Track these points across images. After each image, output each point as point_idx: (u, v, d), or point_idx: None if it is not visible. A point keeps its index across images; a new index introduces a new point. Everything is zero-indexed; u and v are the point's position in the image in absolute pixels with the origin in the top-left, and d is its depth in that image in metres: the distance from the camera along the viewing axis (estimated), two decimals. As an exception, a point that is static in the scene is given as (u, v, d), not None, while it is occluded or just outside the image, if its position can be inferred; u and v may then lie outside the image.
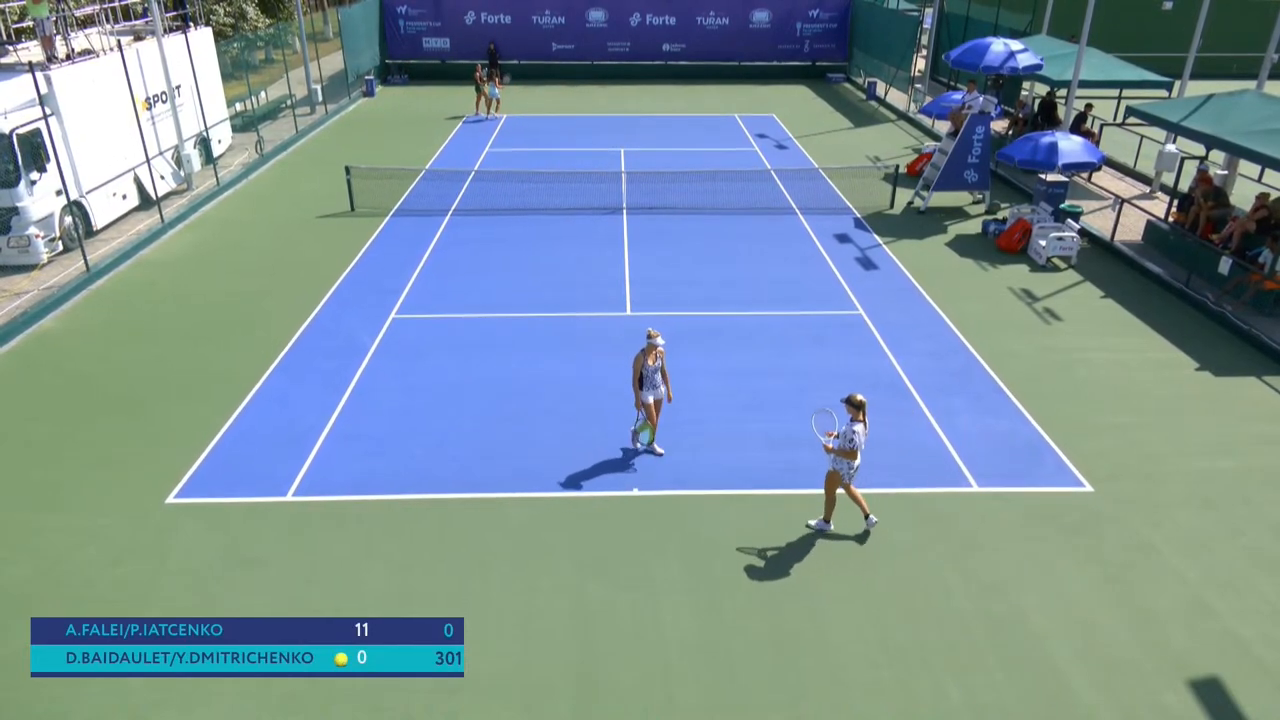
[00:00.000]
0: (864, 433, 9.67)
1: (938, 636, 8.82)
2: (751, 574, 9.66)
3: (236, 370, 13.83)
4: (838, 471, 9.88)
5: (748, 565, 9.79)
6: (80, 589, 9.36)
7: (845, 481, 9.93)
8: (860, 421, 9.62)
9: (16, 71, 18.02)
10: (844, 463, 9.80)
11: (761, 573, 9.68)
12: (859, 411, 9.62)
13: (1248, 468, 11.61)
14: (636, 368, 11.16)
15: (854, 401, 9.65)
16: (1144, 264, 18.16)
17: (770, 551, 10.01)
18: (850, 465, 9.81)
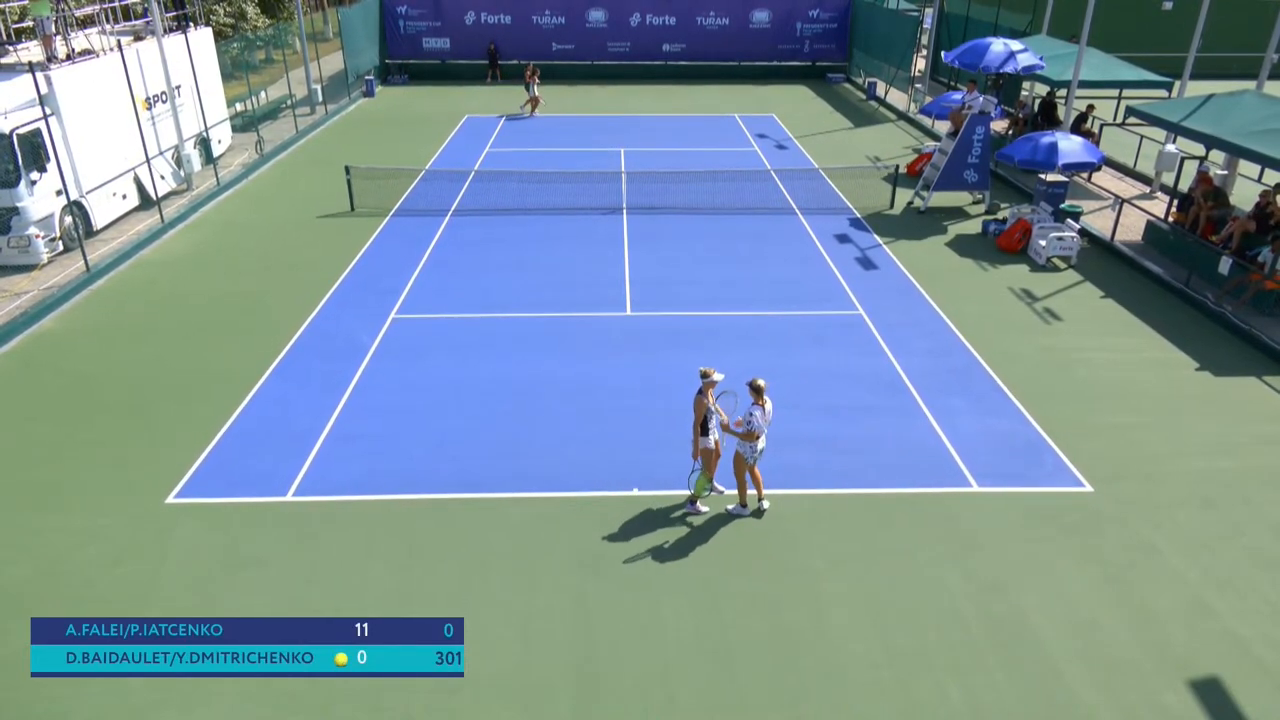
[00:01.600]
0: (763, 416, 9.95)
1: (938, 636, 8.82)
2: (751, 574, 9.66)
3: (236, 370, 13.83)
4: (741, 454, 10.20)
5: (748, 565, 9.79)
6: (80, 589, 9.36)
7: (750, 463, 10.22)
8: (760, 405, 9.91)
9: (16, 71, 18.04)
10: (747, 445, 10.10)
11: (761, 573, 9.68)
12: (759, 395, 9.93)
13: (1248, 468, 11.61)
14: (700, 411, 10.02)
15: (754, 386, 9.98)
16: (1144, 264, 18.16)
17: (770, 551, 10.00)
18: (753, 448, 10.11)
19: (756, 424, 9.93)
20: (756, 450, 10.15)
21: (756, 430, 9.98)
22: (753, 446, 10.12)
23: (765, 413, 9.99)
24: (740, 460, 10.27)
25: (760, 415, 9.93)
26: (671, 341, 14.88)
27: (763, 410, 9.95)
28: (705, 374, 10.10)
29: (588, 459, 11.63)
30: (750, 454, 10.16)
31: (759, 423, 9.95)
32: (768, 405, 10.02)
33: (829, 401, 13.04)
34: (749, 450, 10.14)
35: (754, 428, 9.94)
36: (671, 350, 14.56)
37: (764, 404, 9.97)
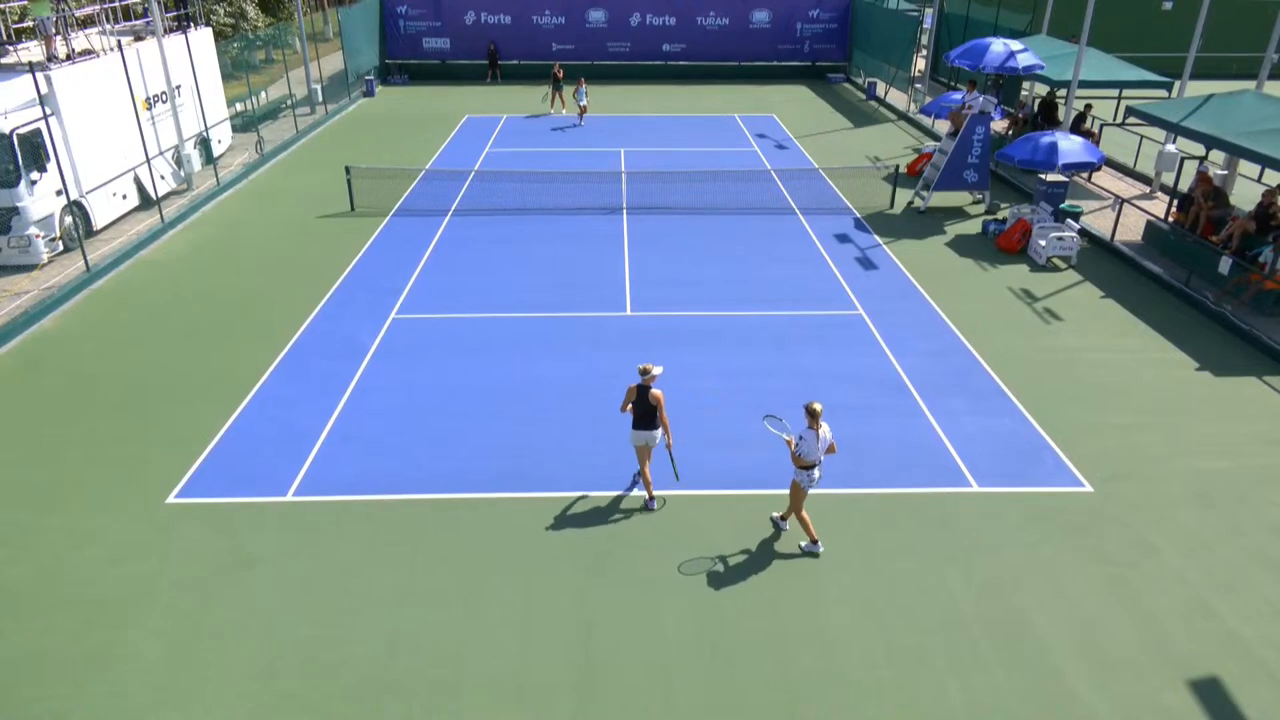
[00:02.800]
0: (816, 442, 9.45)
1: (938, 636, 8.82)
2: (751, 574, 9.66)
3: (236, 370, 13.84)
4: (799, 483, 9.74)
5: (748, 565, 9.79)
6: (80, 589, 9.36)
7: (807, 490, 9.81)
8: (814, 430, 9.43)
9: (16, 71, 18.03)
10: (804, 474, 9.67)
11: (761, 573, 9.68)
12: (814, 420, 9.42)
13: (1247, 468, 11.61)
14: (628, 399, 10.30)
15: (809, 410, 9.47)
16: (1144, 264, 18.16)
17: (770, 551, 10.00)
18: (809, 475, 9.66)
19: (806, 449, 9.49)
20: (814, 478, 9.69)
21: (806, 457, 9.53)
22: (809, 474, 9.64)
23: (820, 438, 9.48)
24: (797, 490, 9.79)
25: (813, 440, 9.44)
26: (671, 342, 14.88)
27: (817, 435, 9.45)
28: (644, 370, 10.12)
29: (588, 459, 11.63)
30: (807, 482, 9.70)
31: (809, 448, 9.48)
32: (823, 430, 9.51)
33: (829, 401, 13.00)
34: (805, 478, 9.67)
35: (803, 453, 9.52)
36: (671, 350, 14.56)
37: (819, 429, 9.47)
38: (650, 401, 10.11)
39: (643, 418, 10.21)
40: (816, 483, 9.77)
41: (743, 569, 9.73)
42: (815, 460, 9.57)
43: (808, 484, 9.71)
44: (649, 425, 10.23)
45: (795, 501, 9.88)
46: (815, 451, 9.50)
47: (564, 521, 10.46)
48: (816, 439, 9.47)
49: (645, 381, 10.10)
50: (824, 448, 9.61)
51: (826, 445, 9.63)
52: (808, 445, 9.49)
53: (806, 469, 9.62)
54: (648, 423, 10.22)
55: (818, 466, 9.65)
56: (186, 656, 8.49)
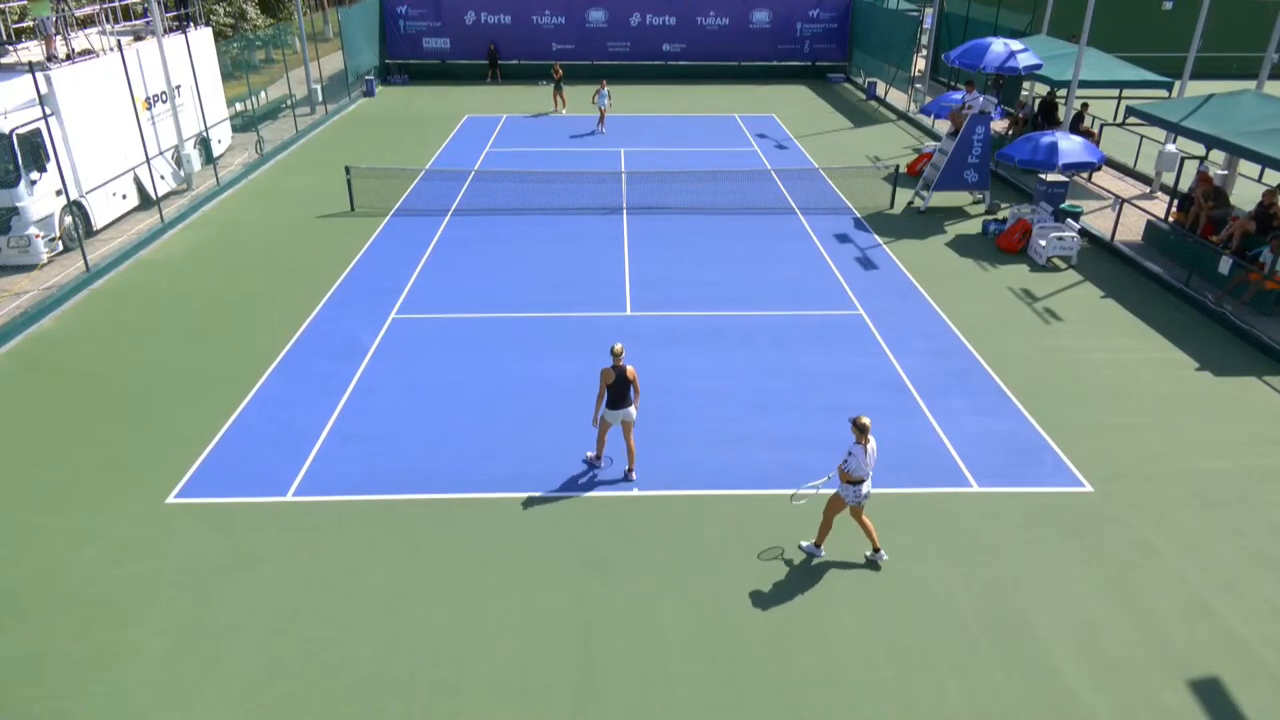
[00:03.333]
0: (864, 457, 9.23)
1: (938, 636, 8.82)
2: (751, 574, 9.66)
3: (236, 370, 13.84)
4: (841, 496, 9.53)
5: (748, 565, 9.78)
6: (80, 589, 9.36)
7: (851, 505, 9.55)
8: (862, 445, 9.24)
9: (16, 71, 18.03)
10: (848, 488, 9.44)
11: (761, 573, 9.68)
12: (862, 434, 9.21)
13: (1248, 468, 11.61)
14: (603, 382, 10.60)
15: (857, 424, 9.21)
16: (1144, 264, 18.16)
17: (770, 551, 10.00)
18: (856, 490, 9.41)
19: (854, 465, 9.28)
20: (861, 494, 9.45)
21: (854, 472, 9.32)
22: (855, 489, 9.40)
23: (868, 453, 9.26)
24: (837, 502, 9.58)
25: (861, 456, 9.23)
26: (671, 342, 14.88)
27: (864, 450, 9.23)
28: (617, 352, 10.51)
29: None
30: (852, 497, 9.46)
31: (857, 464, 9.26)
32: (871, 445, 9.29)
33: (829, 401, 13.05)
34: (851, 493, 9.44)
35: (850, 469, 9.31)
36: (671, 350, 14.57)
37: (866, 443, 9.24)
38: (628, 378, 10.59)
39: (619, 397, 10.65)
40: (865, 498, 9.51)
41: (743, 569, 9.73)
42: (863, 475, 9.34)
43: (854, 499, 9.47)
44: (623, 403, 10.67)
45: (830, 510, 9.68)
46: (864, 467, 9.27)
47: (564, 521, 10.46)
48: (865, 454, 9.24)
49: (617, 363, 10.48)
50: (872, 463, 9.38)
51: (874, 460, 9.42)
52: (856, 461, 9.26)
53: (854, 484, 9.39)
54: (622, 401, 10.66)
55: (866, 482, 9.41)
56: (186, 656, 8.49)
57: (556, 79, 32.73)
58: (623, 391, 10.66)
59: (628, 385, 10.66)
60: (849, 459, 9.31)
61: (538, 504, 10.77)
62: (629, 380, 10.65)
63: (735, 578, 9.60)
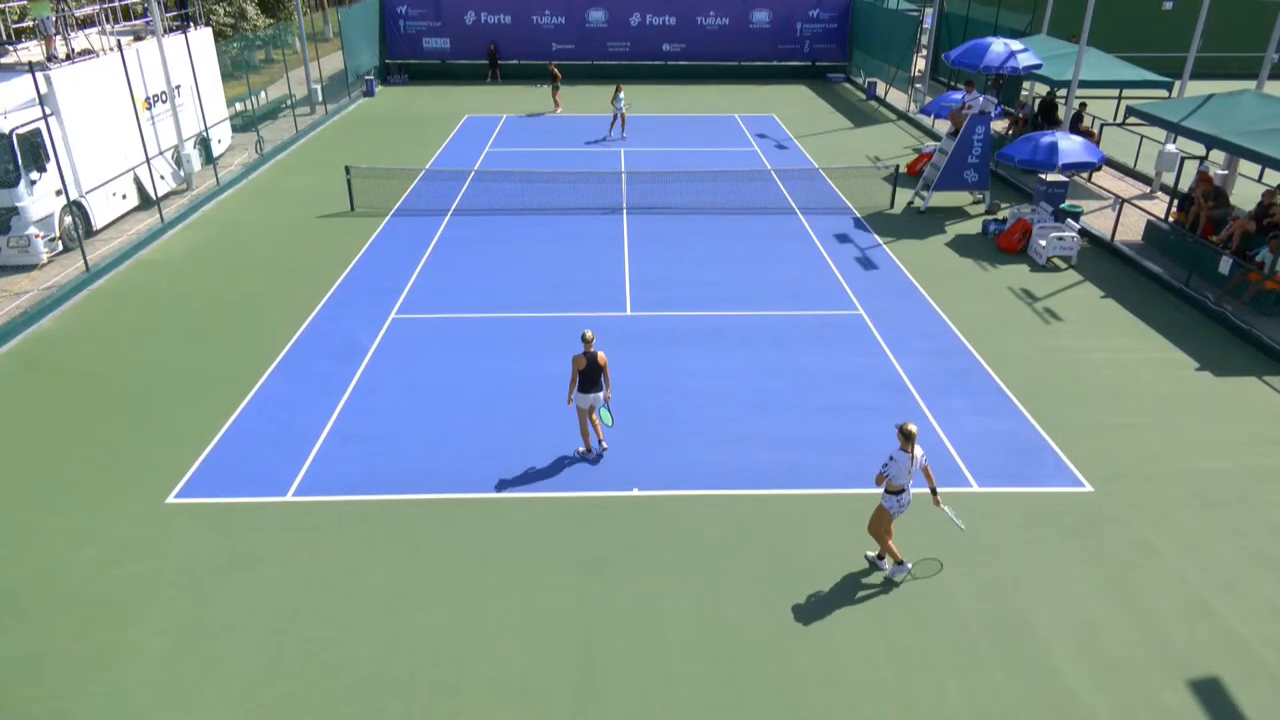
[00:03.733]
0: (906, 464, 8.97)
1: (938, 636, 8.82)
2: (751, 574, 9.65)
3: (236, 370, 13.84)
4: (885, 508, 9.30)
5: (748, 565, 9.78)
6: (80, 589, 9.36)
7: (893, 517, 9.36)
8: (906, 452, 8.96)
9: (16, 71, 18.03)
10: (891, 499, 9.21)
11: (761, 573, 9.67)
12: (908, 441, 8.94)
13: (1248, 468, 11.61)
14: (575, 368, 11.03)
15: (903, 430, 8.97)
16: (1144, 264, 18.16)
17: (770, 551, 10.00)
18: (898, 500, 9.21)
19: (895, 471, 9.02)
20: (903, 503, 9.23)
21: (894, 480, 9.08)
22: (897, 499, 9.19)
23: (912, 460, 8.99)
24: (883, 515, 9.35)
25: (904, 463, 8.96)
26: (671, 342, 14.88)
27: (909, 458, 8.97)
28: (589, 339, 10.98)
29: (588, 459, 11.63)
30: (895, 508, 9.24)
31: (898, 470, 9.01)
32: (918, 452, 9.03)
33: (829, 401, 13.05)
34: (894, 504, 9.22)
35: (890, 475, 9.06)
36: (671, 350, 14.57)
37: (911, 451, 8.97)
38: (598, 364, 11.02)
39: (590, 382, 11.06)
40: (906, 508, 9.31)
41: (743, 569, 9.73)
42: (904, 484, 9.14)
43: (896, 510, 9.26)
44: (594, 388, 11.10)
45: (877, 525, 9.45)
46: (904, 475, 9.05)
47: (564, 521, 10.46)
48: (909, 461, 9.00)
49: (588, 349, 10.94)
50: (916, 470, 9.12)
51: (920, 468, 9.16)
52: (895, 467, 9.01)
53: (895, 493, 9.19)
54: (593, 386, 11.09)
55: (907, 490, 9.20)
56: (186, 656, 8.49)
57: (555, 80, 32.73)
58: (594, 377, 11.05)
59: (598, 371, 11.05)
60: (889, 464, 9.05)
61: (538, 504, 10.77)
62: (600, 366, 11.04)
63: (735, 578, 9.60)
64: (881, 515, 9.37)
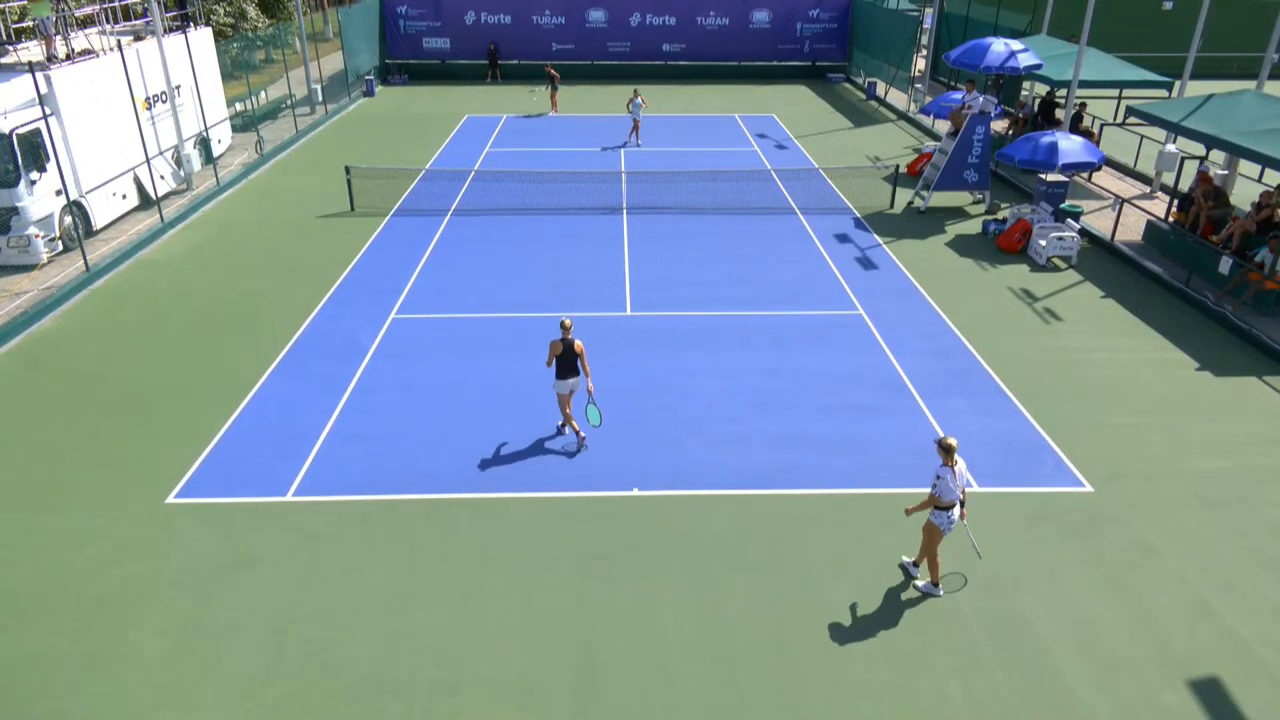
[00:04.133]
0: (953, 480, 8.84)
1: (938, 636, 8.82)
2: (751, 574, 9.65)
3: (236, 370, 13.84)
4: (935, 524, 9.10)
5: (748, 565, 9.78)
6: (80, 589, 9.36)
7: (943, 535, 9.16)
8: (949, 467, 8.85)
9: (16, 71, 18.03)
10: (941, 515, 9.00)
11: (761, 573, 9.67)
12: (948, 456, 8.84)
13: (1248, 468, 11.61)
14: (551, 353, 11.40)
15: (943, 445, 8.86)
16: (1144, 264, 18.16)
17: (770, 551, 10.00)
18: (948, 517, 9.01)
19: (944, 489, 8.87)
20: (953, 519, 9.05)
21: (945, 497, 8.92)
22: (948, 516, 9.01)
23: (956, 475, 8.86)
24: (933, 531, 9.15)
25: (950, 478, 8.82)
26: (671, 341, 14.88)
27: (953, 473, 8.83)
28: (566, 326, 11.27)
29: (588, 459, 11.63)
30: (946, 525, 9.05)
31: (946, 487, 8.86)
32: (960, 467, 8.92)
33: (829, 401, 13.05)
34: (944, 520, 9.03)
35: (941, 493, 8.90)
36: (671, 350, 14.57)
37: (954, 465, 8.85)
38: (575, 351, 11.34)
39: (567, 368, 11.41)
40: (955, 524, 9.11)
41: (743, 569, 9.72)
42: (953, 500, 8.97)
43: (948, 527, 9.07)
44: (571, 374, 11.45)
45: (928, 543, 9.26)
46: (954, 490, 8.90)
47: (564, 521, 10.46)
48: (953, 476, 8.85)
49: (566, 336, 11.25)
50: (962, 485, 8.99)
51: (965, 483, 9.05)
52: (944, 484, 8.85)
53: (945, 510, 9.02)
54: (570, 371, 11.44)
55: (956, 506, 9.03)
56: (186, 656, 8.49)
57: (554, 80, 32.73)
58: (570, 363, 11.40)
59: (575, 358, 11.41)
60: (937, 483, 8.91)
61: (538, 504, 10.77)
62: (576, 353, 11.39)
63: (735, 578, 9.59)
64: (932, 532, 9.17)
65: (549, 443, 11.99)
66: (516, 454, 11.74)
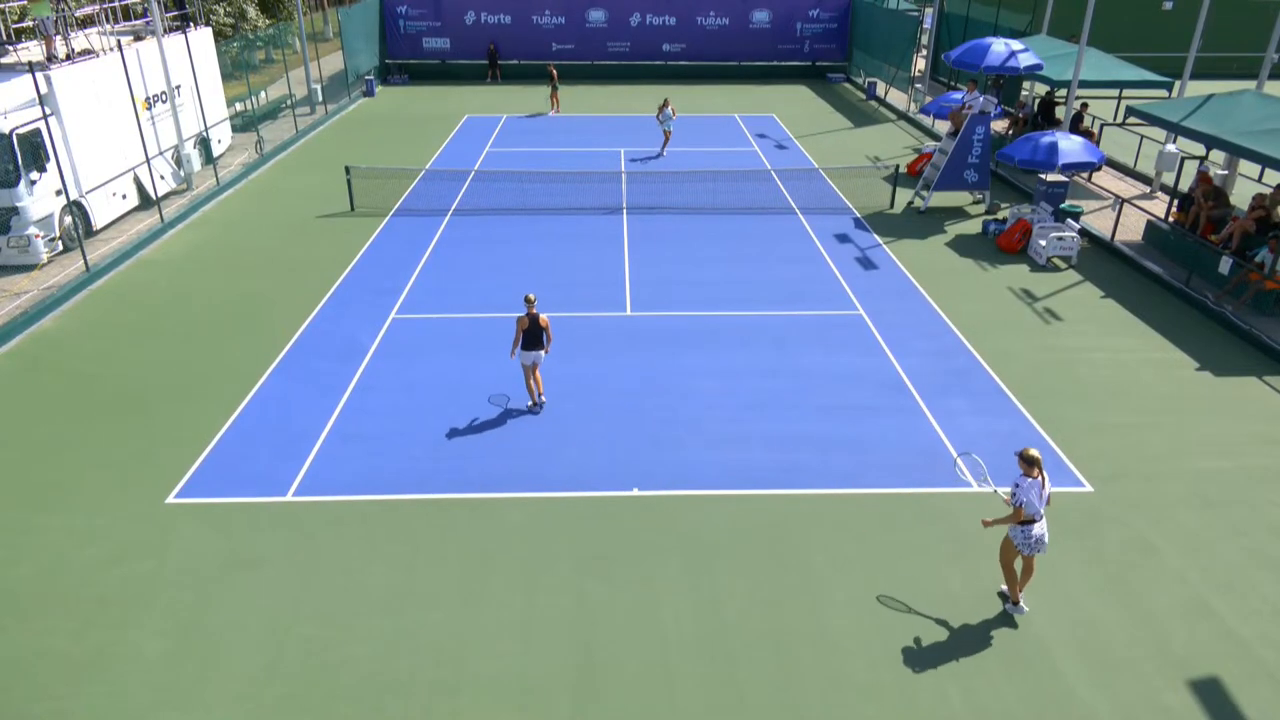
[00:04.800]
0: (1038, 494, 8.39)
1: (938, 636, 8.82)
2: (751, 574, 9.65)
3: (236, 370, 13.83)
4: (1012, 540, 8.71)
5: (748, 565, 9.78)
6: (80, 589, 9.35)
7: (1024, 553, 8.74)
8: (1032, 478, 8.39)
9: (16, 71, 18.03)
10: (1019, 530, 8.57)
11: (761, 573, 9.67)
12: (1031, 467, 8.39)
13: (1248, 468, 11.61)
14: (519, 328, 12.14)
15: (1025, 456, 8.42)
16: (1144, 264, 18.16)
17: (770, 551, 10.00)
18: (1028, 533, 8.54)
19: (1027, 501, 8.39)
20: (1032, 537, 8.55)
21: (1029, 510, 8.41)
22: (1027, 532, 8.52)
23: (1040, 488, 8.44)
24: (1010, 547, 8.76)
25: (1033, 491, 8.36)
26: (671, 341, 14.88)
27: (1039, 485, 8.40)
28: (530, 301, 12.09)
29: (588, 459, 11.63)
30: (1025, 542, 8.58)
31: (1029, 498, 8.38)
32: (1044, 481, 8.50)
33: (829, 401, 13.05)
34: (1022, 536, 8.57)
35: (1024, 505, 8.41)
36: (671, 350, 14.57)
37: (1038, 477, 8.42)
38: (539, 325, 12.12)
39: (532, 341, 12.20)
40: (1039, 548, 8.64)
41: (743, 569, 9.72)
42: (1035, 515, 8.46)
43: (1025, 546, 8.65)
44: (535, 346, 12.24)
45: (1006, 557, 8.86)
46: (1036, 504, 8.40)
47: (564, 521, 10.46)
48: (1039, 489, 8.40)
49: (531, 311, 12.05)
50: (1046, 500, 8.56)
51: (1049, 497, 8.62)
52: (1025, 495, 8.37)
53: (1026, 525, 8.54)
54: (535, 344, 12.22)
55: (1039, 523, 8.54)
56: (186, 656, 8.49)
57: (552, 80, 32.75)
58: (536, 336, 12.16)
59: (540, 331, 12.16)
60: (1016, 491, 8.46)
61: (538, 504, 10.77)
62: (541, 327, 12.16)
63: (735, 578, 9.59)
64: (1008, 547, 8.81)
65: (549, 443, 11.99)
66: (516, 454, 11.74)
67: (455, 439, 12.07)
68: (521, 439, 12.07)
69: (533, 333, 12.11)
